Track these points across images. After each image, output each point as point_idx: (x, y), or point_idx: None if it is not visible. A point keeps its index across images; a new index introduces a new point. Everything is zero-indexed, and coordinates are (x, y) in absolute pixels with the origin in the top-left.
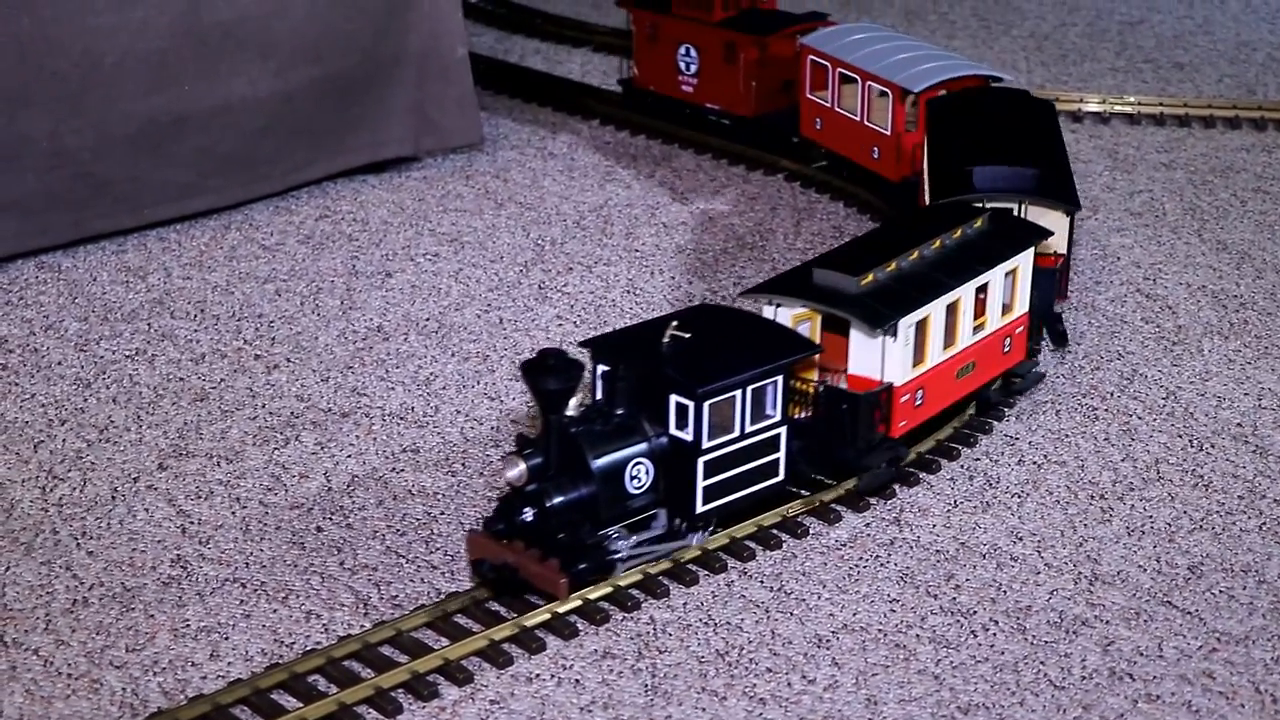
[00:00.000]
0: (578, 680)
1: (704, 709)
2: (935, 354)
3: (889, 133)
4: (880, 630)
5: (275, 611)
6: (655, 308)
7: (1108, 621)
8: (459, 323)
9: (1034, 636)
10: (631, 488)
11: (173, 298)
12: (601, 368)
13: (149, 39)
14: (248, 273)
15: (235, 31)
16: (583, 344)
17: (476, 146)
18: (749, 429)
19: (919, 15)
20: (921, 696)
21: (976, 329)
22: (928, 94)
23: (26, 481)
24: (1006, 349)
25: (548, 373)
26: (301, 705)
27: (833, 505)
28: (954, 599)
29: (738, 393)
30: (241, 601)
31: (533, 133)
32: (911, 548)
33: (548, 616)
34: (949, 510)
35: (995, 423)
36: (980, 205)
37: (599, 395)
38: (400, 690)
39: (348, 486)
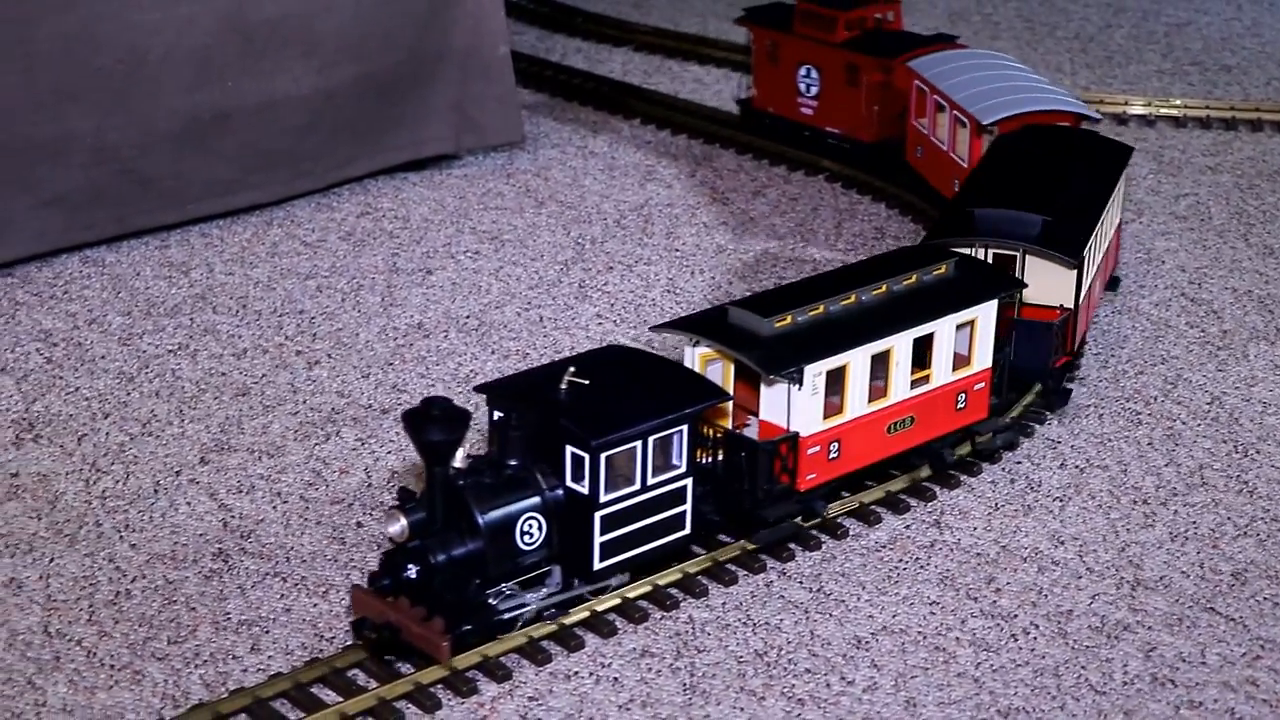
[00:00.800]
0: (616, 678)
1: (742, 709)
2: (857, 406)
3: (965, 165)
4: (920, 633)
5: (315, 606)
6: (695, 306)
7: (1150, 627)
8: (499, 320)
9: (1075, 641)
10: (522, 544)
11: (215, 293)
12: (498, 414)
13: (194, 35)
14: (289, 269)
15: (280, 28)
16: (478, 389)
17: (517, 145)
18: (651, 481)
19: (963, 17)
20: (961, 699)
21: (918, 382)
22: (1004, 126)
23: (70, 474)
24: (961, 405)
25: (431, 423)
26: (341, 700)
27: (872, 507)
28: (994, 602)
29: (637, 444)
30: (282, 595)
31: (574, 131)
32: (952, 550)
33: (587, 615)
34: (990, 513)
35: (1037, 426)
36: (952, 250)
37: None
38: (439, 686)
39: (388, 482)
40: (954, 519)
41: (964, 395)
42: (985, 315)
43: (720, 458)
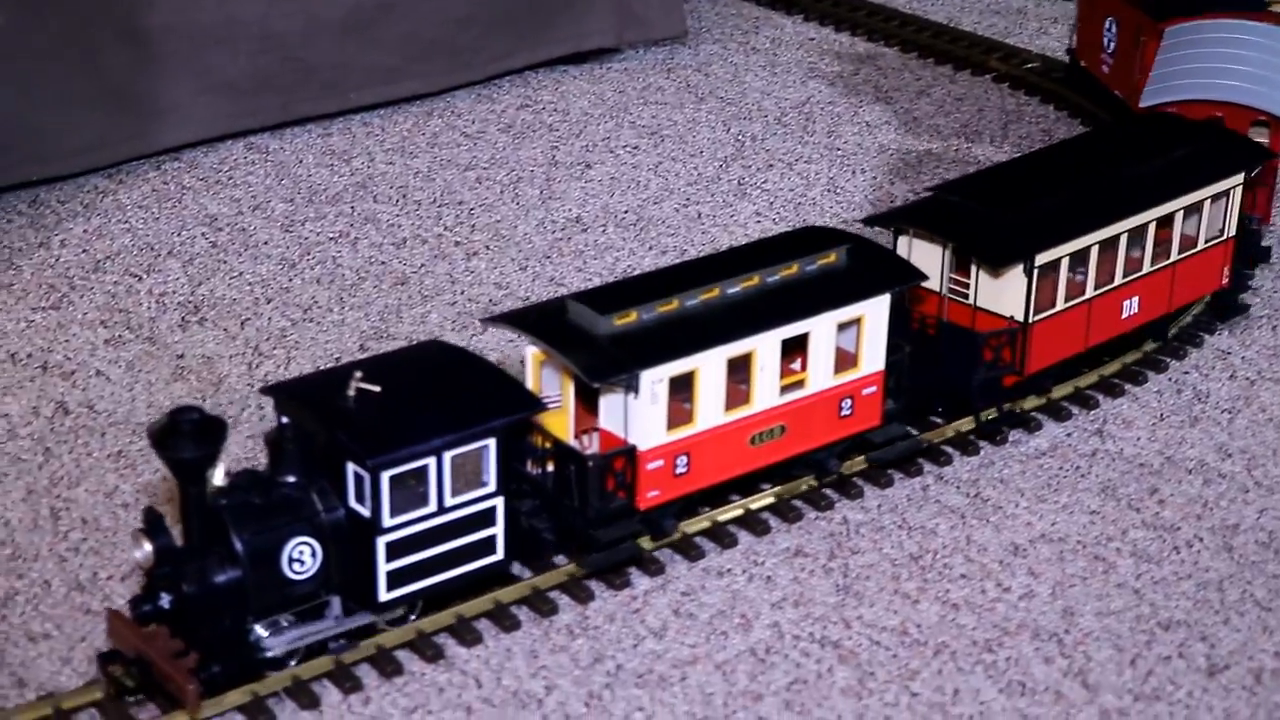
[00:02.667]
0: (769, 576)
1: (896, 611)
2: (711, 415)
3: None
4: (1079, 541)
5: None
6: (856, 208)
7: None
8: (657, 216)
9: (1241, 556)
10: (291, 572)
11: (375, 182)
12: (285, 421)
13: None
14: (449, 160)
15: None
16: (264, 390)
17: (679, 39)
18: (450, 502)
19: None
20: (1120, 610)
21: (789, 388)
22: (1154, 110)
23: (234, 357)
24: (846, 412)
25: (181, 438)
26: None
27: (1033, 414)
28: (1157, 514)
29: (430, 461)
30: None
31: (735, 27)
32: (1114, 460)
33: (740, 513)
34: (1154, 424)
35: (1207, 336)
36: (850, 235)
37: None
38: (593, 579)
39: None
40: (1117, 428)
41: (849, 401)
42: (876, 311)
43: (551, 471)
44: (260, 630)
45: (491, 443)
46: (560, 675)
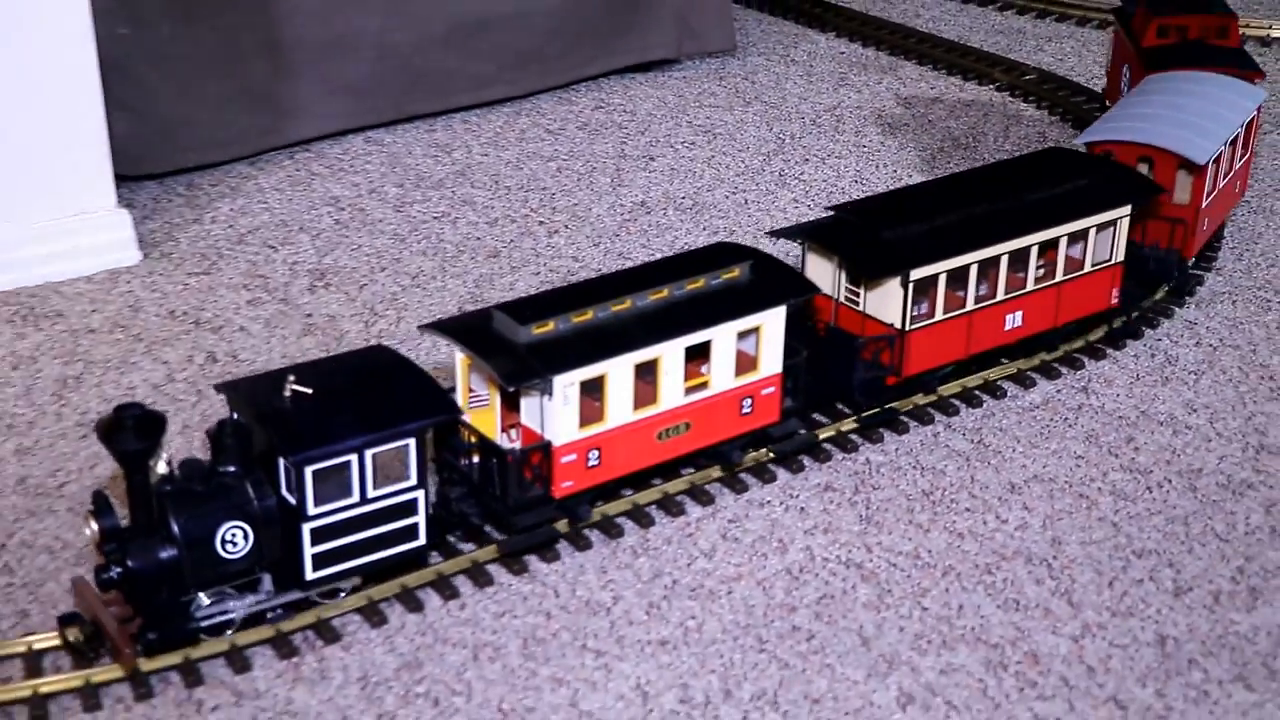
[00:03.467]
0: (802, 508)
1: (910, 538)
2: (620, 414)
3: None
4: (1066, 482)
5: None
6: (878, 193)
7: (1271, 486)
8: (710, 202)
9: (1203, 495)
10: (225, 552)
11: (472, 170)
12: (226, 418)
13: None
14: (534, 152)
15: None
16: (218, 388)
17: (729, 52)
18: (372, 494)
19: None
20: (1101, 540)
21: (694, 389)
22: (1097, 148)
23: (353, 316)
24: (747, 410)
25: (124, 431)
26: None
27: (1029, 373)
28: (1133, 459)
29: (351, 458)
30: None
31: (777, 42)
32: (1096, 413)
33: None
34: (1131, 382)
35: (1177, 309)
36: (751, 250)
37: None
38: (653, 507)
39: None
40: (1099, 386)
41: (750, 400)
42: (773, 321)
43: (476, 463)
44: (204, 599)
45: (411, 442)
46: (625, 588)
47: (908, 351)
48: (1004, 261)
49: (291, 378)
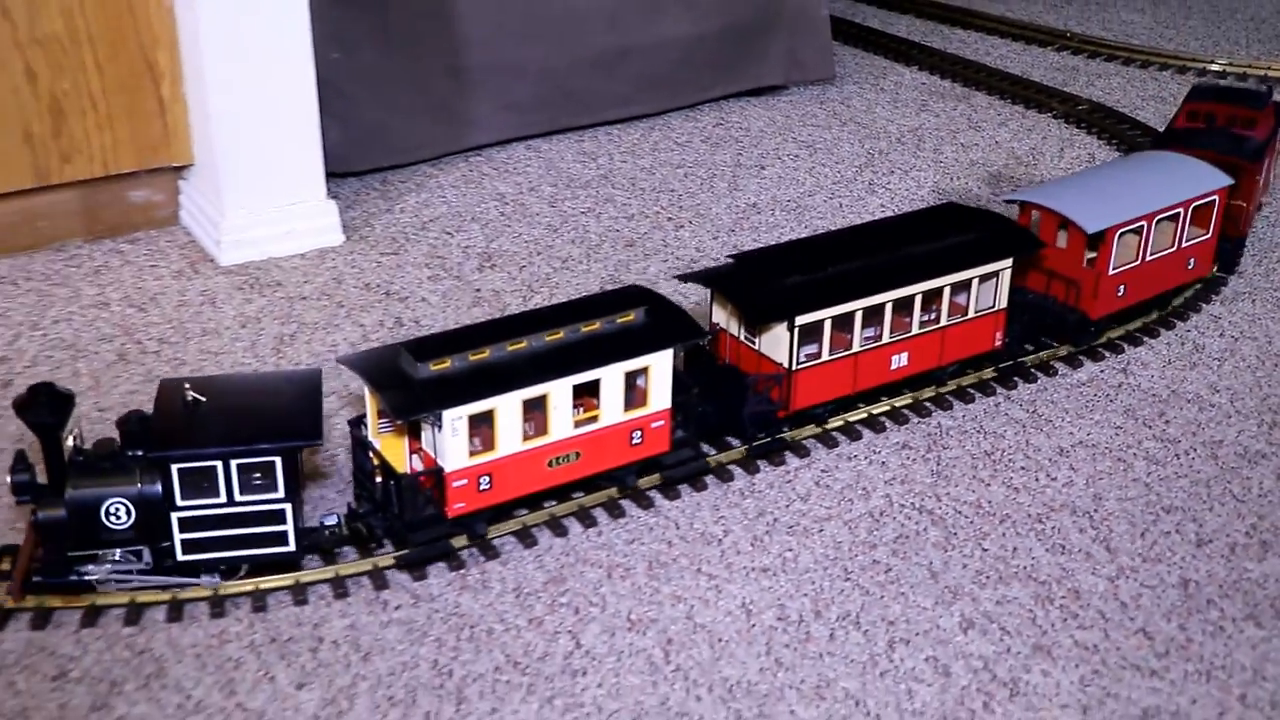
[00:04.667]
0: (884, 462)
1: (973, 490)
2: (510, 444)
3: None
4: (1106, 447)
5: None
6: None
7: None
8: (810, 205)
9: (1223, 463)
10: (109, 522)
11: (613, 175)
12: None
13: None
14: (665, 160)
15: None
16: (160, 381)
17: (829, 81)
18: (240, 498)
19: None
20: (1134, 497)
21: (584, 421)
22: (1024, 215)
23: (514, 292)
24: (637, 441)
25: (38, 406)
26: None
27: (1078, 355)
28: (1164, 430)
29: (218, 464)
30: None
31: (869, 73)
32: (1134, 391)
33: (864, 416)
34: (1164, 366)
35: (1205, 306)
36: (653, 296)
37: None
38: (760, 459)
39: None
40: (1137, 368)
41: (640, 432)
42: (660, 362)
43: (380, 483)
44: (99, 557)
45: (278, 460)
46: (734, 523)
47: (795, 389)
48: (889, 308)
49: (187, 384)
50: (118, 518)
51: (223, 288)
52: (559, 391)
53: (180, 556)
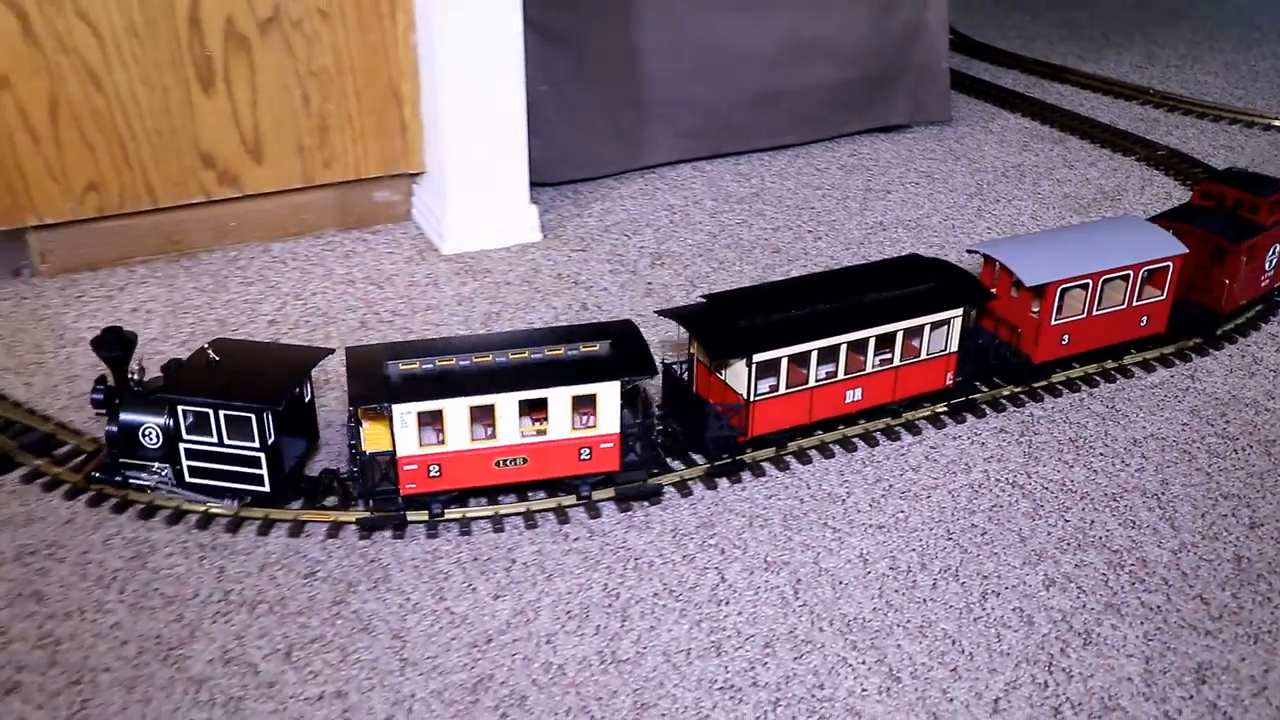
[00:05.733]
0: (983, 442)
1: (1058, 471)
2: (458, 441)
3: None
4: (1173, 441)
5: None
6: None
7: None
8: (927, 225)
9: (1276, 458)
10: (145, 443)
11: (764, 193)
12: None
13: (767, 45)
14: (806, 183)
15: (817, 44)
16: (212, 342)
17: (946, 122)
18: (228, 442)
19: (1196, 59)
20: (1197, 484)
21: (533, 432)
22: (985, 269)
23: (679, 286)
24: (585, 457)
25: (109, 344)
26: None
27: (1151, 361)
28: (1224, 429)
29: (209, 411)
30: None
31: (979, 117)
32: (1199, 394)
33: (963, 400)
34: (1226, 374)
35: (1264, 324)
36: (628, 330)
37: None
38: (879, 433)
39: None
40: (1203, 375)
41: (588, 450)
42: (608, 391)
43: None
44: (141, 465)
45: (253, 416)
46: (855, 487)
47: (753, 417)
48: (844, 349)
49: (206, 345)
50: (150, 439)
51: (443, 272)
52: (505, 403)
53: (187, 479)
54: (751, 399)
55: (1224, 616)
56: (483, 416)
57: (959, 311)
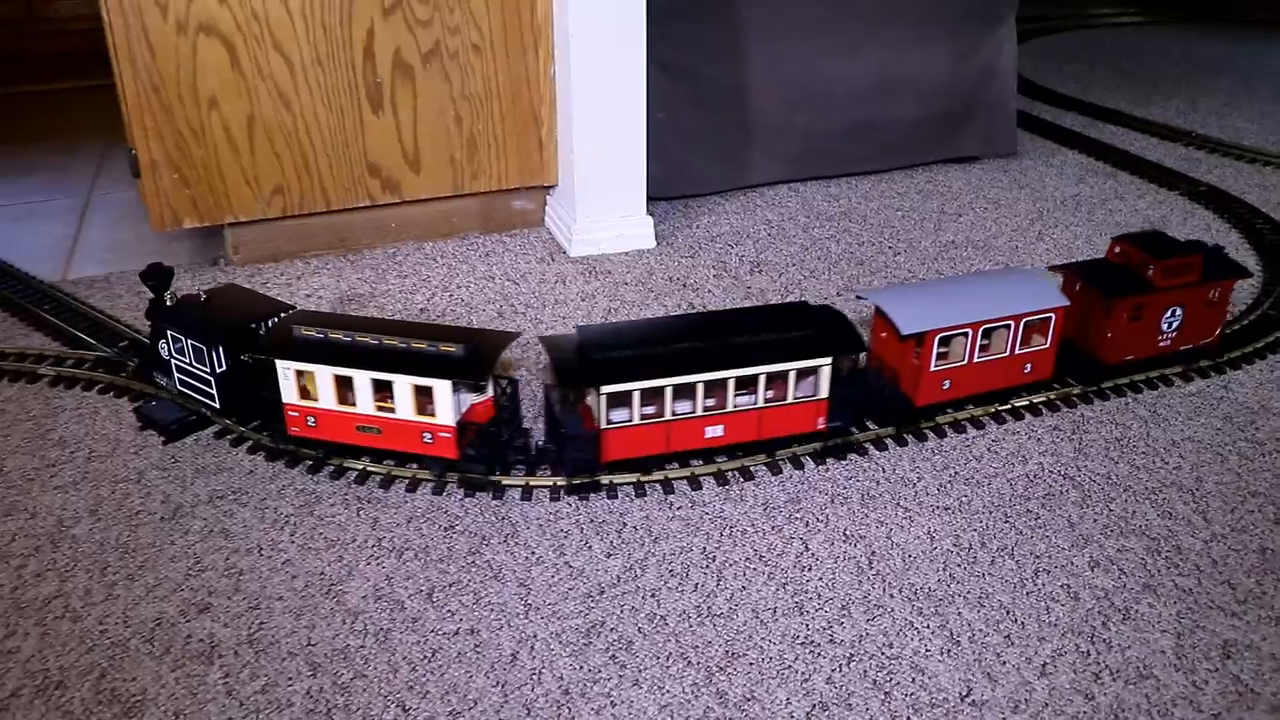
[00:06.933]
0: (1039, 438)
1: (1104, 466)
2: (326, 401)
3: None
4: (1208, 444)
5: None
6: (1098, 253)
7: None
8: (994, 245)
9: None
10: (161, 355)
11: (850, 213)
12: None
13: (858, 83)
14: (887, 204)
15: (902, 83)
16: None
17: (1012, 155)
18: (194, 365)
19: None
20: (1227, 482)
21: (382, 409)
22: (876, 316)
23: (776, 290)
24: (429, 440)
25: (153, 275)
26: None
27: (1190, 371)
28: (1254, 434)
29: (184, 338)
30: None
31: (1041, 151)
32: (1232, 403)
33: (1026, 403)
34: (1257, 386)
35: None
36: (474, 336)
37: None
38: (947, 426)
39: None
40: (1236, 385)
41: (430, 435)
42: (441, 389)
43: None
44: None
45: (214, 350)
46: (925, 473)
47: (605, 444)
48: (700, 387)
49: (200, 291)
50: (165, 353)
51: (570, 273)
52: (360, 379)
53: (177, 388)
54: (603, 427)
55: (1249, 600)
56: (344, 385)
57: (827, 361)
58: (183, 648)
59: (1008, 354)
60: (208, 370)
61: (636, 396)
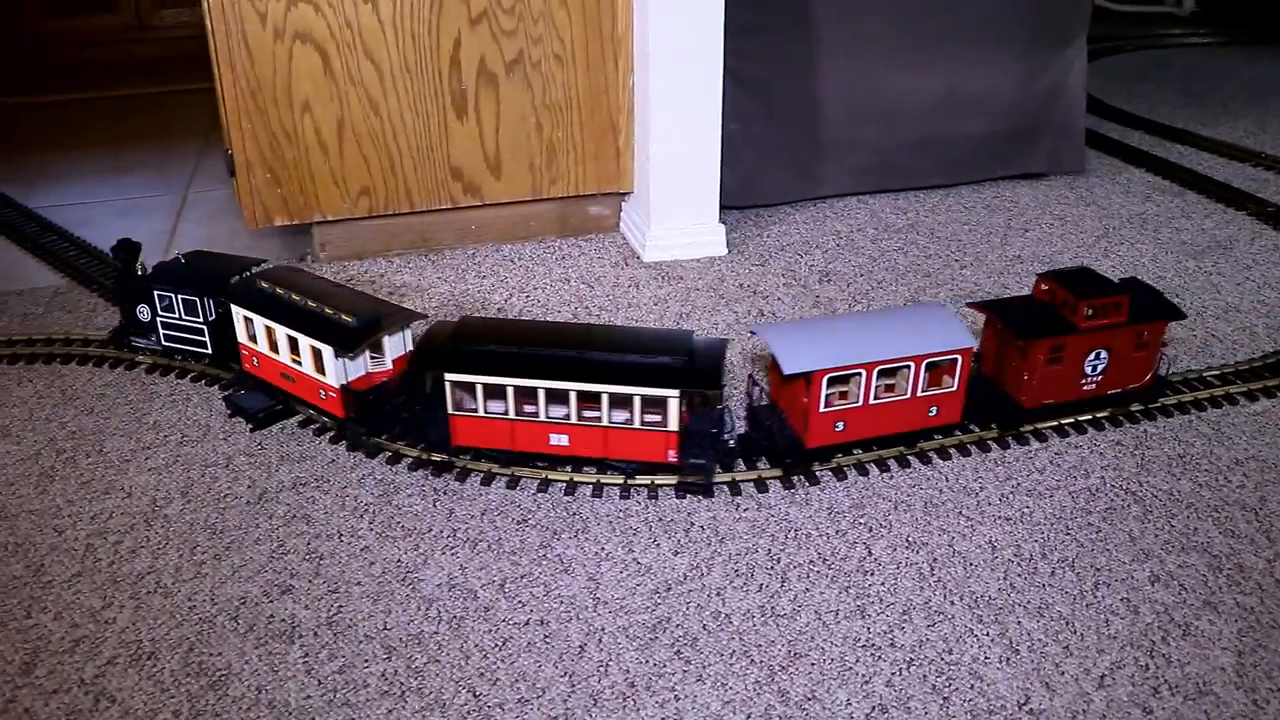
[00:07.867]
0: (1101, 453)
1: (1167, 482)
2: (262, 349)
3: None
4: (1273, 463)
5: None
6: (1161, 265)
7: None
8: (1059, 260)
9: None
10: (140, 318)
11: (918, 225)
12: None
13: (928, 99)
14: (955, 218)
15: (971, 100)
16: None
17: (1078, 172)
18: (185, 318)
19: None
20: (1272, 483)
21: (295, 361)
22: (773, 366)
23: (841, 300)
24: (323, 396)
25: (121, 250)
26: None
27: (1255, 391)
28: None
29: (172, 294)
30: None
31: (1108, 169)
32: (1274, 421)
33: (1090, 417)
34: None
35: None
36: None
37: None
38: (1011, 438)
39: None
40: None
41: (324, 392)
42: (328, 353)
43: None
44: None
45: (199, 300)
46: (987, 483)
47: (453, 429)
48: (542, 394)
49: (180, 255)
50: (142, 315)
51: (644, 277)
52: (281, 333)
53: (163, 343)
54: (450, 412)
55: None
56: (272, 339)
57: (675, 393)
58: (266, 626)
59: (909, 396)
60: (200, 320)
61: (480, 390)
